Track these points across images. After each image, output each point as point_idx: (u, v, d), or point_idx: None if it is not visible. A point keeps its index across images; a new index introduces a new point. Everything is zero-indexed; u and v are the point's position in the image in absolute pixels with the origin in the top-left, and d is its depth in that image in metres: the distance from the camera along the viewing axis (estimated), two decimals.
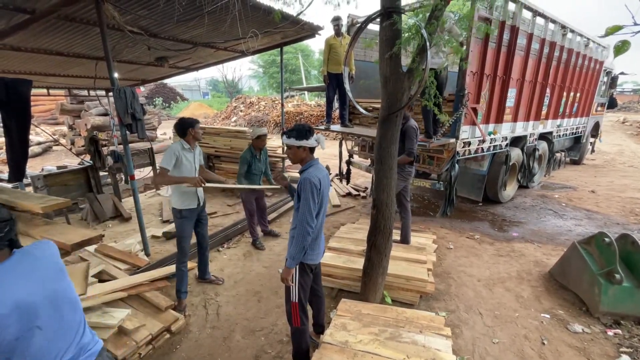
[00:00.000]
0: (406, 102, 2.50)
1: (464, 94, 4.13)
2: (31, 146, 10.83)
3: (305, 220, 1.94)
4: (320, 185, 1.97)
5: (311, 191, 1.92)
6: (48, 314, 1.18)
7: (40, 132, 10.50)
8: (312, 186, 1.92)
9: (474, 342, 2.63)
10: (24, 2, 3.28)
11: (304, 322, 2.18)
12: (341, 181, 6.72)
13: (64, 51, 4.99)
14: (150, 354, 2.51)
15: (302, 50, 30.86)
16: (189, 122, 2.91)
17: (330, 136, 13.70)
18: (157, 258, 3.79)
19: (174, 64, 6.57)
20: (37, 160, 10.65)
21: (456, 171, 4.49)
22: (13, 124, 4.06)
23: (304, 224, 1.94)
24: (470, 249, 4.28)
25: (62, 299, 1.24)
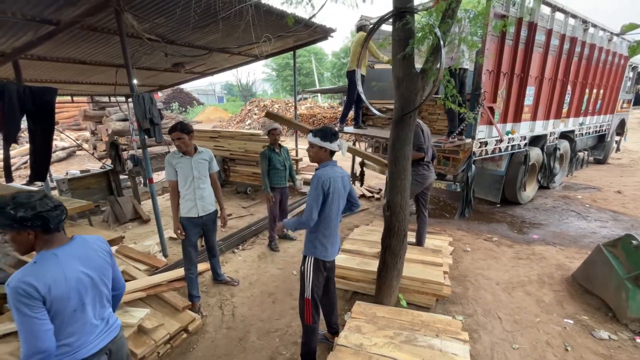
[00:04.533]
0: (420, 102, 2.48)
1: (480, 93, 4.05)
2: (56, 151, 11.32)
3: (309, 210, 2.07)
4: (330, 183, 2.05)
5: (316, 187, 2.04)
6: (93, 294, 1.39)
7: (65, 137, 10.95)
8: (320, 183, 2.04)
9: (493, 348, 2.56)
10: (49, 13, 3.44)
11: (315, 320, 2.21)
12: (354, 183, 6.69)
13: (86, 59, 5.20)
14: (169, 353, 2.56)
15: (315, 53, 31.01)
16: (169, 130, 2.83)
17: (344, 138, 13.69)
18: (175, 259, 3.87)
19: (190, 70, 6.74)
20: (62, 164, 11.11)
21: (473, 172, 4.40)
22: (38, 130, 4.25)
23: (308, 212, 2.07)
24: (488, 251, 4.17)
25: (102, 285, 1.44)
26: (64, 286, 1.28)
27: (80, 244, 1.40)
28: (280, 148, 4.20)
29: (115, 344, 1.49)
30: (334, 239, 2.20)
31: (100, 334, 1.43)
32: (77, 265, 1.34)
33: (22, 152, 11.01)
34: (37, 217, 1.24)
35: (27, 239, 1.27)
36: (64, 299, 1.28)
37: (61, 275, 1.28)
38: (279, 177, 4.13)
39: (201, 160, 2.92)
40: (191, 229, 2.95)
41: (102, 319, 1.45)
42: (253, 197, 6.50)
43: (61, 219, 1.31)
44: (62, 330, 1.30)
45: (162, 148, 10.28)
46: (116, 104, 10.10)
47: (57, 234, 1.33)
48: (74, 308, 1.32)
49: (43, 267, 1.25)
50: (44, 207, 1.25)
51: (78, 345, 1.34)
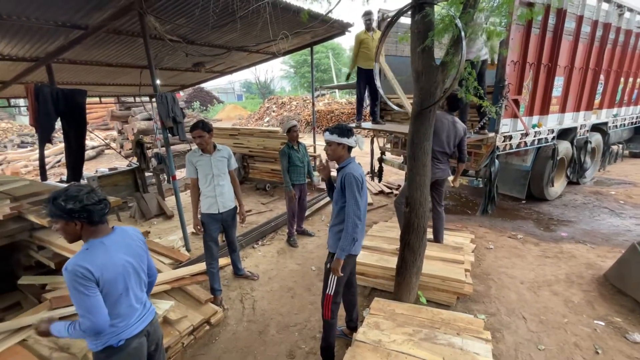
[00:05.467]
0: (440, 96, 2.42)
1: (504, 85, 3.90)
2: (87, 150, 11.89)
3: (353, 212, 2.04)
4: (362, 179, 2.08)
5: (356, 184, 2.03)
6: (134, 280, 1.52)
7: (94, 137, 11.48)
8: (356, 179, 2.04)
9: (517, 348, 2.49)
10: (79, 19, 3.61)
11: (334, 316, 2.23)
12: (373, 179, 6.63)
13: (112, 62, 5.42)
14: (192, 343, 2.66)
15: (333, 49, 30.81)
16: (190, 129, 2.90)
17: (362, 134, 13.58)
18: (197, 254, 3.99)
19: (210, 69, 6.88)
20: (92, 162, 11.66)
21: (496, 167, 4.25)
22: (72, 130, 4.49)
23: (353, 216, 2.03)
24: (513, 249, 4.04)
25: (141, 271, 1.56)
26: (113, 271, 1.40)
27: (121, 234, 1.52)
28: (299, 145, 4.22)
29: (152, 326, 1.61)
30: (362, 234, 2.22)
31: (140, 317, 1.54)
32: (121, 253, 1.46)
33: (56, 151, 11.64)
34: (83, 210, 1.34)
35: (74, 229, 1.38)
36: (113, 283, 1.40)
37: (109, 261, 1.40)
38: (298, 173, 4.17)
39: (220, 158, 2.99)
40: (212, 224, 3.04)
41: (141, 303, 1.57)
42: (272, 193, 6.58)
43: (104, 212, 1.42)
44: (110, 313, 1.41)
45: (184, 146, 10.57)
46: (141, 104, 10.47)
47: (102, 225, 1.44)
48: (120, 292, 1.43)
49: (94, 253, 1.37)
50: (90, 200, 1.36)
51: (123, 326, 1.46)
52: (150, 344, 1.60)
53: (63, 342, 2.21)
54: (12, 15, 3.27)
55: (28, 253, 2.97)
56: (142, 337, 1.53)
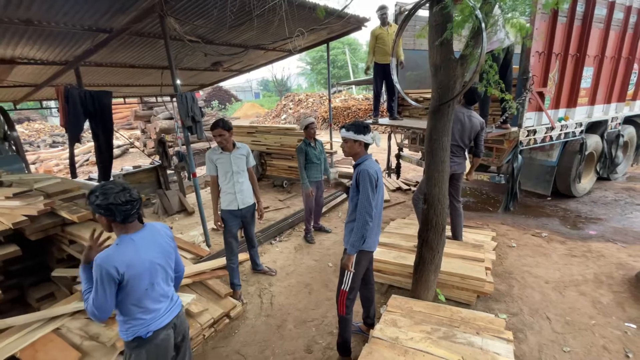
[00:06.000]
0: (459, 90, 2.36)
1: (528, 77, 3.75)
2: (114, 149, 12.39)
3: (364, 209, 2.03)
4: (377, 176, 2.07)
5: (369, 181, 2.02)
6: (161, 275, 1.57)
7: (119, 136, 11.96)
8: (370, 176, 2.03)
9: (541, 349, 2.41)
10: (103, 23, 3.76)
11: (349, 311, 2.24)
12: (390, 176, 6.57)
13: (135, 63, 5.61)
14: (213, 336, 2.74)
15: (350, 44, 30.55)
16: (211, 127, 2.95)
17: (379, 130, 13.43)
18: (217, 249, 4.09)
19: (228, 68, 6.99)
20: (117, 161, 12.15)
21: (519, 163, 4.11)
22: (100, 130, 4.69)
23: (364, 212, 2.03)
24: (537, 247, 3.90)
25: (168, 267, 1.62)
26: (139, 267, 1.46)
27: (151, 230, 1.58)
28: (316, 142, 4.23)
29: (179, 318, 1.68)
30: (376, 230, 2.22)
31: (167, 310, 1.61)
32: (149, 249, 1.52)
33: (84, 150, 12.20)
34: (107, 208, 1.41)
35: (104, 222, 1.46)
36: (138, 278, 1.46)
37: (137, 258, 1.46)
38: (315, 170, 4.18)
39: (239, 156, 3.04)
40: (231, 220, 3.10)
41: (168, 297, 1.63)
42: (289, 190, 6.64)
43: (129, 213, 1.45)
44: (137, 306, 1.49)
45: (203, 144, 10.82)
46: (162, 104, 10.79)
47: (130, 223, 1.50)
48: (145, 287, 1.50)
49: (122, 250, 1.45)
50: (116, 200, 1.41)
51: (150, 319, 1.53)
52: (177, 336, 1.66)
53: (93, 331, 2.33)
54: (43, 22, 3.44)
55: (60, 247, 3.15)
56: (169, 329, 1.60)
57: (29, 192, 3.17)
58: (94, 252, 1.47)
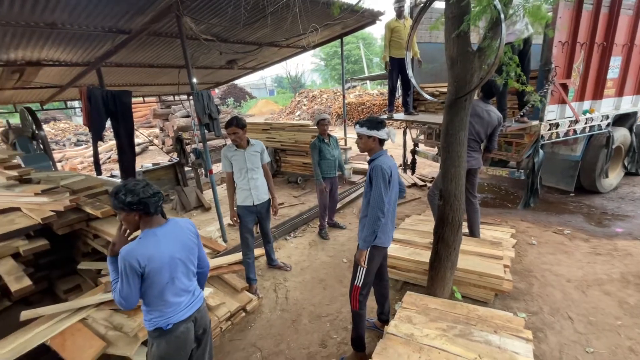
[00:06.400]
0: (477, 83, 2.30)
1: (550, 68, 3.61)
2: None
3: (377, 205, 2.03)
4: (391, 172, 2.06)
5: (382, 177, 2.02)
6: (181, 270, 1.61)
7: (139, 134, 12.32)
8: (383, 172, 2.02)
9: (562, 349, 2.34)
10: (123, 24, 3.87)
11: (362, 306, 2.25)
12: (405, 171, 6.48)
13: (153, 63, 5.75)
14: (230, 329, 2.81)
15: (364, 39, 30.22)
16: (225, 125, 3.00)
17: (394, 125, 13.26)
18: (233, 244, 4.17)
19: (243, 66, 7.06)
20: (137, 159, 12.45)
21: (540, 157, 3.98)
22: (121, 129, 4.85)
23: (376, 208, 2.03)
24: (558, 245, 3.77)
25: (189, 262, 1.66)
26: (159, 261, 1.51)
27: (173, 225, 1.63)
28: (330, 138, 4.23)
29: (200, 312, 1.72)
30: (390, 225, 2.21)
31: (188, 304, 1.65)
32: (170, 244, 1.57)
33: (106, 148, 12.63)
34: (140, 202, 1.47)
35: (134, 219, 1.51)
36: (158, 272, 1.51)
37: (158, 252, 1.51)
38: (328, 167, 4.18)
39: (253, 153, 3.08)
40: (247, 216, 3.16)
41: (189, 291, 1.67)
42: (303, 186, 6.67)
43: (158, 204, 1.54)
44: (159, 298, 1.55)
45: (219, 141, 11.00)
46: (180, 102, 11.02)
47: (156, 216, 1.56)
48: (166, 281, 1.55)
49: (145, 243, 1.50)
50: (145, 193, 1.48)
51: (171, 312, 1.58)
52: (198, 329, 1.71)
53: (117, 321, 2.43)
54: (67, 24, 3.57)
55: (85, 241, 3.29)
56: (189, 323, 1.64)
57: (55, 189, 3.31)
58: (119, 246, 1.53)
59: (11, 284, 2.49)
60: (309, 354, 2.51)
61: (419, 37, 5.14)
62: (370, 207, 2.05)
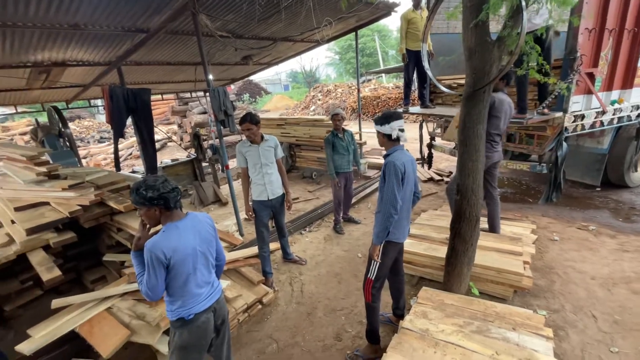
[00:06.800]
0: (496, 74, 2.23)
1: (575, 57, 3.44)
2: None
3: (389, 201, 2.03)
4: (405, 168, 2.04)
5: (395, 173, 2.01)
6: (202, 262, 1.67)
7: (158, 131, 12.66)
8: (396, 169, 2.01)
9: (584, 348, 2.27)
10: (141, 23, 3.96)
11: (375, 299, 2.26)
12: (422, 166, 6.39)
13: (171, 61, 5.87)
14: (247, 320, 2.88)
15: (379, 31, 29.71)
16: (239, 121, 3.04)
17: (410, 119, 13.04)
18: (249, 238, 4.25)
19: (257, 61, 7.10)
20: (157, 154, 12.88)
21: (564, 150, 3.82)
22: (142, 126, 5.00)
23: (388, 205, 2.03)
24: (583, 241, 3.64)
25: (209, 254, 1.72)
26: (182, 253, 1.56)
27: (193, 219, 1.68)
28: (344, 132, 4.21)
29: (219, 303, 1.78)
30: (404, 221, 2.20)
31: (208, 295, 1.70)
32: (191, 236, 1.62)
33: (127, 145, 13.05)
34: (160, 197, 1.53)
35: (155, 214, 1.57)
36: (182, 263, 1.57)
37: (181, 243, 1.57)
38: (342, 162, 4.17)
39: (267, 148, 3.12)
40: (262, 211, 3.20)
41: (209, 282, 1.73)
42: (318, 181, 6.69)
43: (177, 198, 1.60)
44: (182, 289, 1.61)
45: (235, 137, 11.15)
46: (197, 99, 11.22)
47: (176, 210, 1.62)
48: (188, 272, 1.60)
49: (169, 236, 1.56)
50: (165, 189, 1.54)
51: (192, 302, 1.64)
52: (217, 319, 1.77)
53: (140, 311, 2.53)
54: (88, 25, 3.69)
55: (109, 234, 3.43)
56: (209, 313, 1.71)
57: (81, 184, 3.46)
58: (143, 240, 1.59)
59: (43, 273, 2.64)
60: (324, 346, 2.54)
61: (435, 28, 5.02)
62: (383, 203, 2.05)
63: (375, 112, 15.47)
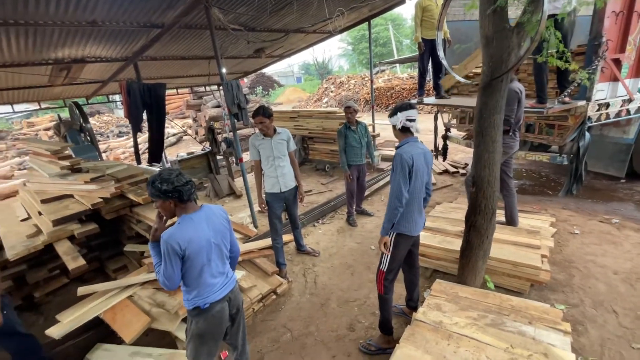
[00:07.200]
0: (514, 62, 2.15)
1: (601, 42, 3.28)
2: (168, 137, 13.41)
3: (394, 194, 2.04)
4: (413, 161, 2.03)
5: (401, 166, 2.02)
6: (216, 253, 1.71)
7: (174, 125, 12.89)
8: (403, 161, 2.01)
9: (604, 344, 2.22)
10: (156, 18, 4.01)
11: (387, 291, 2.27)
12: (437, 158, 6.28)
13: (185, 55, 5.94)
14: (261, 310, 2.94)
15: (393, 20, 29.07)
16: (252, 115, 3.07)
17: (425, 110, 12.80)
18: (263, 230, 4.31)
19: (270, 54, 7.09)
20: (173, 148, 13.15)
21: (586, 141, 3.68)
22: (154, 119, 5.10)
23: (393, 197, 2.05)
24: (605, 235, 3.52)
25: (223, 246, 1.76)
26: (197, 244, 1.61)
27: (207, 211, 1.73)
28: (357, 125, 4.18)
29: (234, 293, 1.83)
30: (416, 214, 2.18)
31: (222, 285, 1.76)
32: (205, 228, 1.66)
33: (145, 139, 13.34)
34: (175, 190, 1.57)
35: (170, 206, 1.62)
36: (197, 254, 1.61)
37: (196, 235, 1.61)
38: (355, 154, 4.15)
39: (280, 141, 3.13)
40: (275, 203, 3.24)
41: (222, 273, 1.77)
42: (331, 174, 6.69)
43: (191, 191, 1.64)
44: (197, 280, 1.66)
45: (249, 130, 11.24)
46: (211, 93, 11.34)
47: (190, 202, 1.67)
48: (203, 263, 1.65)
49: (184, 227, 1.60)
50: (179, 182, 1.59)
51: (207, 292, 1.69)
52: (232, 308, 1.83)
53: (159, 299, 2.63)
54: (105, 22, 3.77)
55: (129, 225, 3.55)
56: (224, 302, 1.76)
57: (102, 177, 3.59)
58: (160, 232, 1.65)
59: (69, 262, 2.77)
60: (337, 336, 2.58)
61: (451, 15, 4.87)
62: (389, 195, 2.07)
63: (389, 104, 15.24)
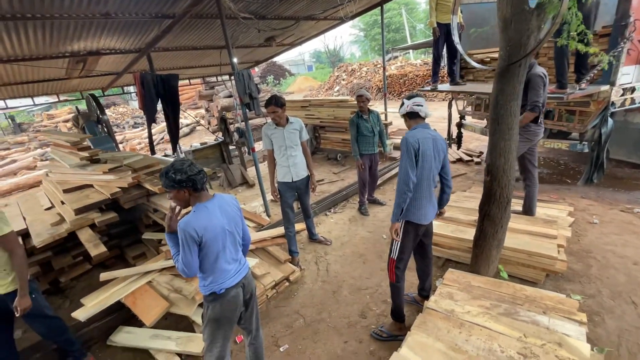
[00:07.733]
0: (534, 46, 2.07)
1: (627, 22, 3.11)
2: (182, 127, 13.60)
3: (401, 179, 2.05)
4: (419, 145, 2.02)
5: (407, 149, 2.03)
6: (230, 240, 1.77)
7: (187, 115, 13.04)
8: (408, 145, 2.03)
9: (621, 335, 2.18)
10: (167, 9, 4.02)
11: (398, 279, 2.28)
12: (450, 146, 6.17)
13: (197, 45, 5.95)
14: (274, 296, 3.01)
15: (406, 4, 28.20)
16: (265, 104, 3.07)
17: (439, 97, 12.50)
18: (276, 219, 4.37)
19: (281, 42, 7.03)
20: (187, 139, 13.34)
21: (609, 127, 3.54)
22: (169, 110, 5.18)
23: (400, 182, 2.07)
24: (626, 225, 3.41)
25: (236, 233, 1.81)
26: (212, 232, 1.66)
27: (220, 200, 1.77)
28: (370, 113, 4.13)
29: (247, 279, 1.89)
30: (425, 202, 2.15)
31: (236, 272, 1.81)
32: (219, 215, 1.71)
33: (159, 130, 13.59)
34: (189, 180, 1.62)
35: (184, 195, 1.66)
36: (213, 241, 1.66)
37: (211, 223, 1.66)
38: (367, 143, 4.12)
39: (292, 130, 3.14)
40: (287, 192, 3.27)
41: (236, 260, 1.83)
42: (343, 163, 6.67)
43: (204, 180, 1.69)
44: (213, 266, 1.71)
45: (261, 120, 11.27)
46: (222, 83, 11.37)
47: (204, 191, 1.71)
48: (219, 249, 1.70)
49: (199, 216, 1.65)
50: (192, 171, 1.63)
51: (222, 278, 1.75)
52: (246, 294, 1.88)
53: (177, 285, 2.73)
54: (118, 13, 3.81)
55: (147, 214, 3.66)
56: (238, 288, 1.82)
57: (120, 168, 3.69)
58: (175, 222, 1.70)
59: (91, 249, 2.89)
60: (349, 323, 2.62)
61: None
62: (397, 181, 2.08)
63: (402, 91, 14.93)
